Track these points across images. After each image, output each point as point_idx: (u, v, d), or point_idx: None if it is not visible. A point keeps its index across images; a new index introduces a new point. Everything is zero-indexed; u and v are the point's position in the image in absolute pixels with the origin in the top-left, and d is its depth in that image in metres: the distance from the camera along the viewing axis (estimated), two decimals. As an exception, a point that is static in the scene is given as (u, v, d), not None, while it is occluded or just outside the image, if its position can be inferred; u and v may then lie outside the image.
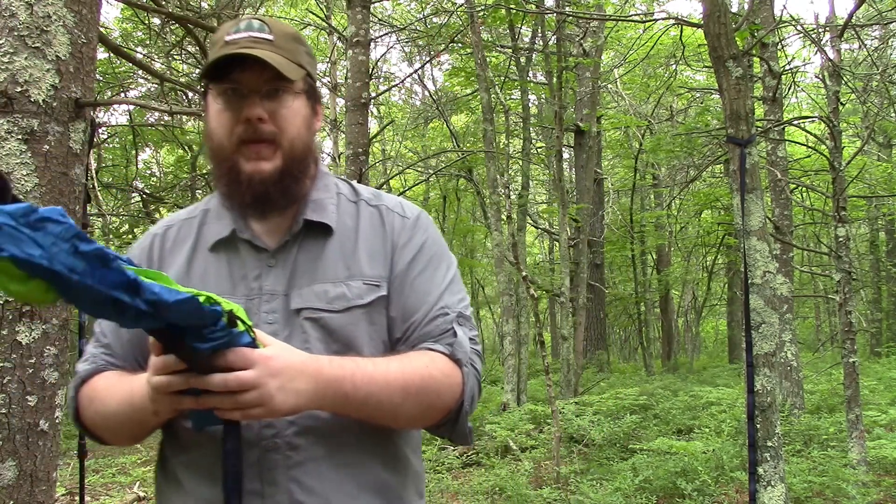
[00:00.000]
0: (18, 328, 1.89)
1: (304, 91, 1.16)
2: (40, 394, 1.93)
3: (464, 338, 1.12)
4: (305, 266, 1.13)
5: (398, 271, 1.15)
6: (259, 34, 1.11)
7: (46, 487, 1.96)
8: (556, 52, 9.85)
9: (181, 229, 1.22)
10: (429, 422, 1.12)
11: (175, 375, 0.91)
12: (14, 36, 1.87)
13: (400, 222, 1.19)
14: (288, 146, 1.12)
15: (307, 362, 0.99)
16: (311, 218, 1.15)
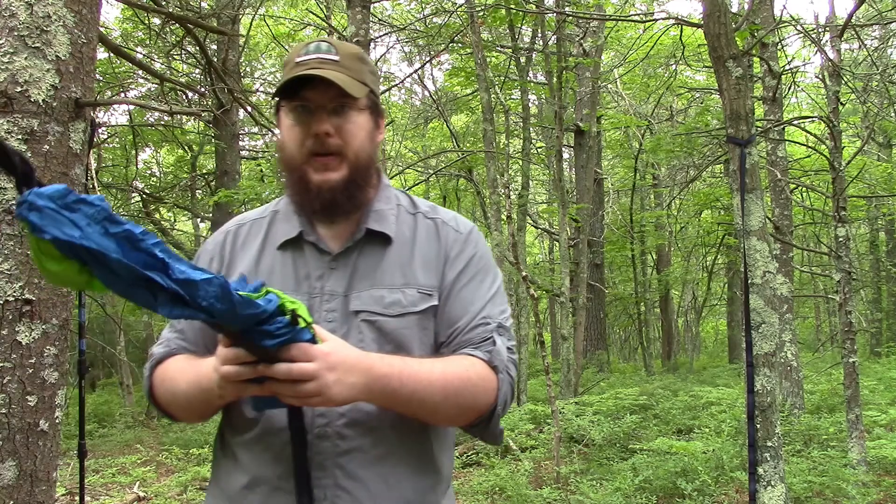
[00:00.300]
0: (18, 328, 1.89)
1: (368, 107, 1.26)
2: (40, 394, 1.93)
3: (502, 347, 1.21)
4: (365, 271, 1.23)
5: (448, 281, 1.25)
6: (326, 55, 1.21)
7: (46, 487, 1.96)
8: (556, 52, 9.85)
9: (252, 228, 1.32)
10: (464, 421, 1.20)
11: (243, 366, 1.00)
12: (14, 36, 1.87)
13: (454, 235, 1.29)
14: (353, 158, 1.22)
15: (361, 358, 1.08)
16: (372, 227, 1.25)
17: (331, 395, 1.03)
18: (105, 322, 13.89)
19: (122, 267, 0.84)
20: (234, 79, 9.98)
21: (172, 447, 7.34)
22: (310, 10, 12.96)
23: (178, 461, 6.83)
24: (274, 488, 1.15)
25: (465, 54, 11.38)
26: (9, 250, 1.88)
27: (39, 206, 0.82)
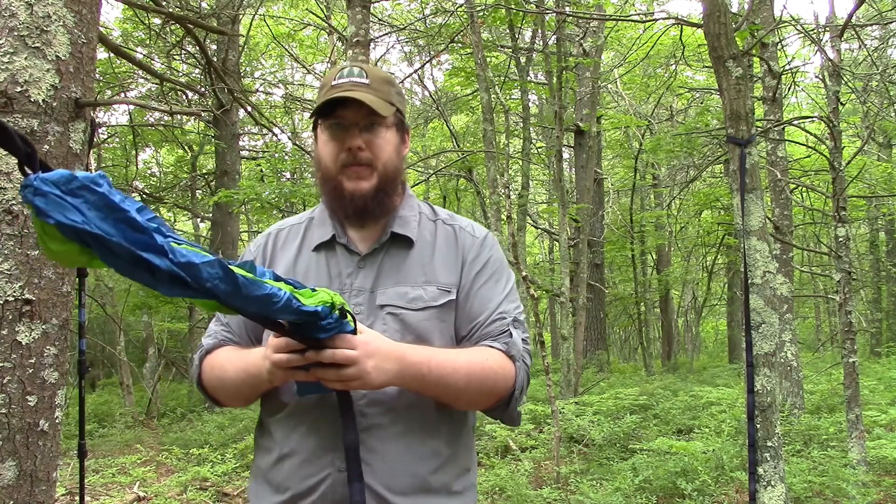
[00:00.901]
0: (18, 328, 1.89)
1: (395, 124, 1.43)
2: (40, 394, 1.93)
3: (517, 338, 1.39)
4: (389, 270, 1.39)
5: (467, 281, 1.40)
6: (358, 79, 1.38)
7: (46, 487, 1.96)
8: (556, 52, 9.85)
9: (290, 232, 1.50)
10: (485, 405, 1.36)
11: (294, 354, 1.15)
12: (14, 36, 1.87)
13: (470, 240, 1.45)
14: (382, 169, 1.39)
15: (395, 348, 1.24)
16: (397, 231, 1.41)
17: (369, 379, 1.18)
18: (105, 322, 13.89)
19: (122, 249, 0.90)
20: (234, 79, 9.98)
21: (172, 447, 7.34)
22: (310, 10, 12.95)
23: (178, 461, 6.83)
24: (304, 460, 1.30)
25: (465, 54, 11.38)
26: (9, 250, 1.88)
27: (44, 192, 0.87)
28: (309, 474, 1.30)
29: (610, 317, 18.33)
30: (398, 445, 1.30)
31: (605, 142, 16.41)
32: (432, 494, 1.33)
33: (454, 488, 1.36)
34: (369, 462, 1.28)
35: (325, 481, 1.28)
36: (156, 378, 12.01)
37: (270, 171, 13.81)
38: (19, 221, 1.88)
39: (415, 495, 1.31)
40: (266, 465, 1.37)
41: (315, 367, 1.16)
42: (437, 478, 1.34)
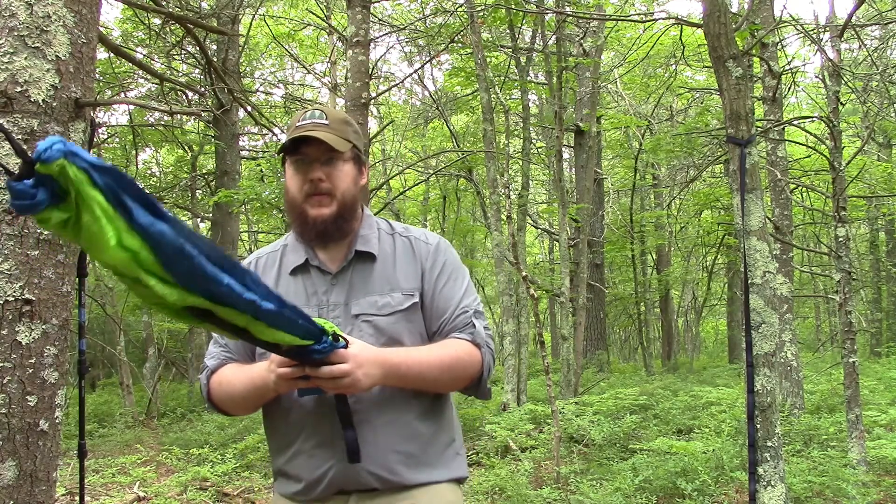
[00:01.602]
0: (18, 328, 1.88)
1: (352, 158, 1.65)
2: (40, 394, 1.93)
3: (480, 328, 1.61)
4: (358, 283, 1.60)
5: (429, 285, 1.62)
6: (319, 120, 1.60)
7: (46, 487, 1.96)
8: (556, 52, 9.85)
9: (268, 259, 1.70)
10: (460, 386, 1.61)
11: (295, 367, 1.36)
12: (14, 36, 1.87)
13: (426, 248, 1.66)
14: (340, 197, 1.60)
15: (378, 354, 1.46)
16: (360, 249, 1.63)
17: (360, 385, 1.41)
18: (105, 322, 13.88)
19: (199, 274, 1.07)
20: (234, 79, 9.98)
21: (172, 447, 7.34)
22: (310, 10, 12.95)
23: (178, 461, 6.83)
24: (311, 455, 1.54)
25: (465, 54, 11.38)
26: (9, 250, 1.88)
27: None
28: (317, 466, 1.53)
29: (610, 317, 18.33)
30: (387, 431, 1.53)
31: (605, 142, 16.41)
32: (423, 466, 1.56)
33: (442, 459, 1.60)
34: (366, 449, 1.51)
35: (330, 470, 1.52)
36: (156, 378, 12.01)
37: (270, 171, 13.79)
38: (19, 221, 1.88)
39: (409, 470, 1.55)
40: (281, 462, 1.60)
41: (315, 379, 1.37)
42: (425, 452, 1.57)
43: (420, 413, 1.58)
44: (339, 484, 1.52)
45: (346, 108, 6.90)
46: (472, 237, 18.02)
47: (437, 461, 1.60)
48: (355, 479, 1.52)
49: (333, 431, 1.51)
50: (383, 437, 1.52)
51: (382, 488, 1.53)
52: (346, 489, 1.53)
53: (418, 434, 1.57)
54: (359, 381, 1.39)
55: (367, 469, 1.51)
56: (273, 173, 13.95)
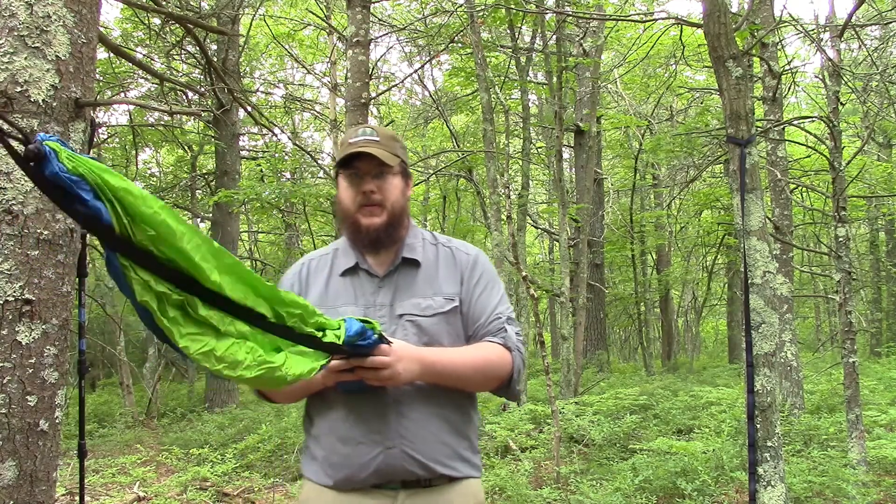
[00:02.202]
0: (18, 328, 1.88)
1: (399, 172, 1.79)
2: (40, 394, 1.92)
3: (512, 333, 1.75)
4: (403, 287, 1.75)
5: (467, 293, 1.77)
6: (370, 137, 1.74)
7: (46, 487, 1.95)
8: (556, 52, 9.85)
9: (320, 261, 1.85)
10: (491, 387, 1.73)
11: (342, 360, 1.50)
12: (14, 36, 1.87)
13: (465, 258, 1.82)
14: (390, 207, 1.75)
15: (416, 352, 1.60)
16: (406, 255, 1.78)
17: (399, 378, 1.55)
18: (105, 322, 13.88)
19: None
20: (234, 79, 9.98)
21: (172, 447, 7.34)
22: (310, 10, 12.95)
23: (178, 461, 6.83)
24: (359, 443, 1.65)
25: (465, 54, 11.38)
26: (9, 250, 1.88)
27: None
28: (365, 453, 1.64)
29: (610, 317, 18.33)
30: (431, 423, 1.67)
31: (605, 142, 16.40)
32: (460, 460, 1.71)
33: (472, 454, 1.75)
34: (409, 438, 1.64)
35: (378, 458, 1.63)
36: (156, 378, 12.00)
37: (270, 171, 13.81)
38: (19, 221, 1.88)
39: (451, 462, 1.69)
40: (326, 451, 1.70)
41: (358, 370, 1.51)
42: (462, 446, 1.72)
43: (457, 409, 1.72)
44: (384, 473, 1.63)
45: (346, 108, 6.90)
46: (472, 237, 18.00)
47: (471, 456, 1.74)
48: (401, 467, 1.63)
49: (379, 421, 1.64)
50: (427, 428, 1.66)
51: (425, 476, 1.65)
52: (392, 479, 1.64)
53: (457, 429, 1.71)
54: (398, 375, 1.54)
55: (413, 457, 1.63)
56: (273, 173, 13.95)
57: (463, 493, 1.71)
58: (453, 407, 1.71)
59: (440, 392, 1.67)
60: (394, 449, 1.63)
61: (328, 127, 13.51)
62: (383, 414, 1.64)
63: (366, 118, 6.67)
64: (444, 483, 1.68)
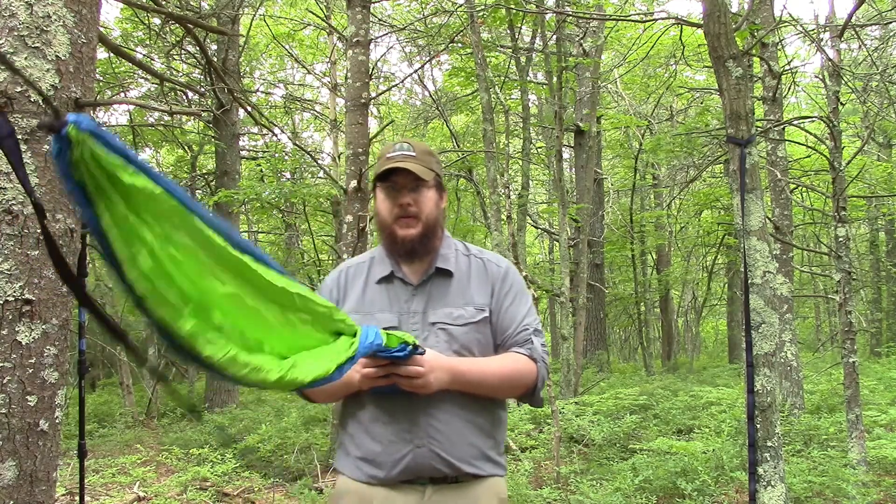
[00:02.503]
0: (18, 328, 1.88)
1: (434, 185, 1.89)
2: (40, 394, 1.92)
3: (538, 344, 1.84)
4: (436, 295, 1.84)
5: (498, 304, 1.86)
6: (407, 153, 1.83)
7: (46, 487, 1.95)
8: (556, 52, 9.85)
9: (357, 268, 1.94)
10: (515, 395, 1.86)
11: (379, 368, 1.65)
12: (14, 36, 1.87)
13: (497, 270, 1.90)
14: (425, 219, 1.85)
15: (448, 362, 1.72)
16: (439, 265, 1.87)
17: (430, 387, 1.67)
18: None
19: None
20: (234, 79, 9.98)
21: (172, 447, 7.34)
22: (309, 10, 12.95)
23: (178, 461, 6.83)
24: (391, 441, 1.76)
25: (465, 54, 11.38)
26: (9, 250, 1.88)
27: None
28: (396, 451, 1.74)
29: (610, 317, 18.32)
30: (459, 424, 1.76)
31: (605, 142, 16.40)
32: (485, 461, 1.80)
33: (498, 455, 1.85)
34: (437, 438, 1.74)
35: (407, 455, 1.73)
36: (156, 378, 12.00)
37: (270, 171, 13.79)
38: (19, 221, 1.88)
39: (477, 461, 1.79)
40: (359, 448, 1.81)
41: (393, 376, 1.65)
42: (488, 447, 1.81)
43: (484, 411, 1.82)
44: (413, 470, 1.74)
45: (346, 108, 6.90)
46: (472, 237, 18.00)
47: (496, 456, 1.84)
48: (429, 465, 1.74)
49: (410, 421, 1.75)
50: (455, 429, 1.75)
51: (451, 474, 1.75)
52: (420, 475, 1.75)
53: (484, 430, 1.81)
54: (430, 384, 1.66)
55: (440, 456, 1.74)
56: (273, 173, 13.94)
57: (487, 490, 1.80)
58: (481, 409, 1.81)
59: (469, 396, 1.77)
60: (423, 448, 1.73)
61: (328, 127, 13.50)
62: (413, 415, 1.74)
63: (366, 118, 6.67)
64: (470, 480, 1.78)
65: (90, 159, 1.05)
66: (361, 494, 1.79)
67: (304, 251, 16.15)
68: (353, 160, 6.48)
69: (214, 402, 10.98)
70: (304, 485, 5.64)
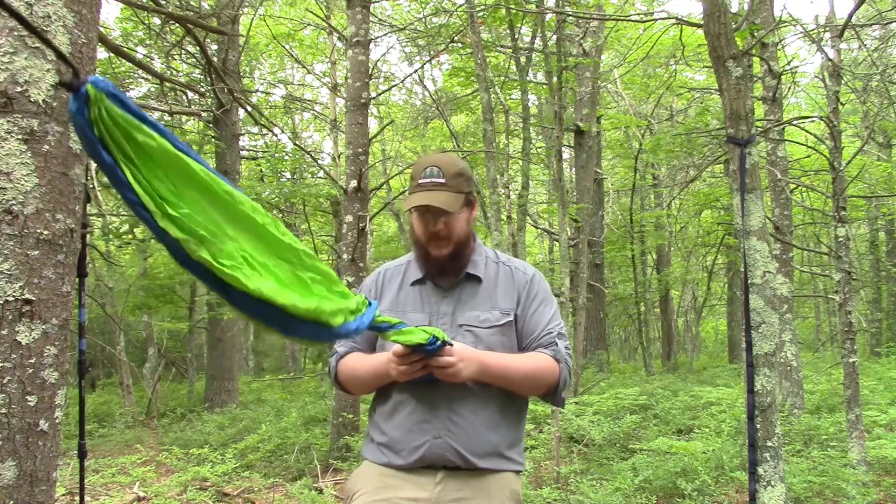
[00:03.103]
0: (18, 328, 1.88)
1: (465, 203, 1.98)
2: (40, 394, 1.92)
3: (561, 347, 1.96)
4: (465, 299, 1.98)
5: (523, 309, 1.98)
6: (437, 179, 1.92)
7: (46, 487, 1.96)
8: (556, 52, 9.85)
9: (394, 271, 2.10)
10: (538, 393, 1.97)
11: (415, 363, 1.78)
12: (14, 36, 1.87)
13: (523, 277, 2.03)
14: (456, 240, 1.96)
15: (477, 354, 1.84)
16: (470, 272, 2.00)
17: (460, 375, 1.80)
18: (105, 322, 13.88)
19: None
20: (234, 79, 9.98)
21: (172, 447, 7.33)
22: (309, 10, 12.95)
23: (178, 461, 6.83)
24: (410, 430, 1.90)
25: (465, 54, 11.38)
26: (9, 250, 1.88)
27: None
28: (415, 439, 1.88)
29: (610, 317, 18.32)
30: (476, 420, 1.88)
31: (605, 142, 16.39)
32: (498, 457, 1.91)
33: (514, 451, 1.96)
34: (454, 432, 1.87)
35: (425, 444, 1.87)
36: (156, 378, 12.01)
37: (270, 171, 13.80)
38: (19, 221, 1.88)
39: (490, 457, 1.89)
40: (382, 435, 1.95)
41: (428, 367, 1.78)
42: (504, 444, 1.92)
43: (502, 410, 1.93)
44: (430, 458, 1.87)
45: (346, 108, 6.89)
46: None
47: (511, 453, 1.95)
48: (443, 455, 1.86)
49: (430, 413, 1.88)
50: (473, 425, 1.88)
51: (464, 467, 1.87)
52: (434, 464, 1.87)
53: (501, 428, 1.92)
54: (460, 372, 1.78)
55: (455, 449, 1.86)
56: (273, 173, 13.95)
57: (499, 482, 1.92)
58: (501, 407, 1.93)
59: (490, 393, 1.90)
60: (440, 439, 1.86)
61: (328, 127, 13.50)
62: (435, 408, 1.88)
63: (366, 118, 6.67)
64: (483, 472, 1.89)
65: (107, 118, 1.12)
66: (378, 473, 1.93)
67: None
68: (353, 160, 6.48)
69: (215, 402, 10.98)
70: (304, 485, 5.64)
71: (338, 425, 6.62)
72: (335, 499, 5.25)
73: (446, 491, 1.87)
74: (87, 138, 1.12)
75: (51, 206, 1.95)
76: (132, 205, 1.19)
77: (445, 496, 1.87)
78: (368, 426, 2.05)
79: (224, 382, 11.18)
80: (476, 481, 1.89)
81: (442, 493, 1.87)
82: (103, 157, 1.13)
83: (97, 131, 1.11)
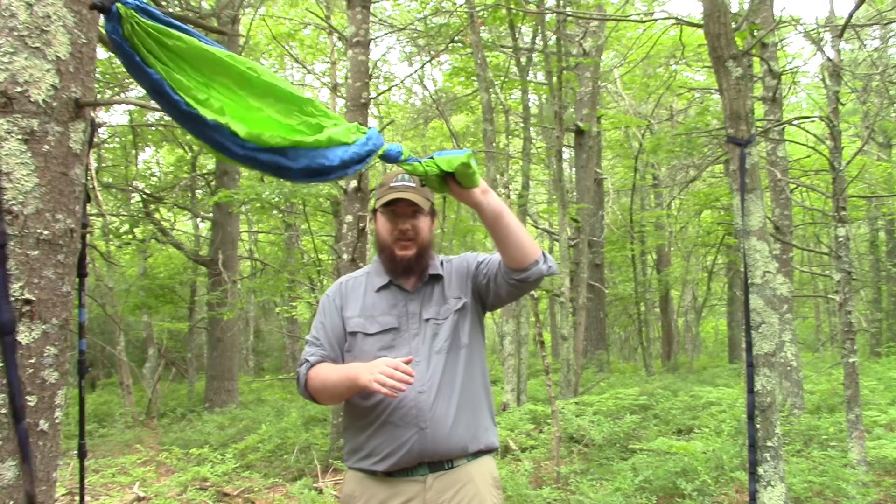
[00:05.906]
0: (18, 328, 1.88)
1: (429, 212, 2.18)
2: (40, 394, 1.92)
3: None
4: (428, 298, 2.14)
5: (476, 266, 2.18)
6: (408, 183, 2.12)
7: (46, 487, 1.96)
8: (556, 52, 9.85)
9: (355, 281, 2.22)
10: (523, 254, 1.99)
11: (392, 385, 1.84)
12: (14, 36, 1.87)
13: (459, 260, 2.23)
14: (420, 241, 2.13)
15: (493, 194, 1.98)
16: (432, 272, 2.17)
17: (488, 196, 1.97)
18: (105, 322, 13.88)
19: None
20: (234, 79, 9.95)
21: (172, 447, 7.34)
22: (310, 10, 12.94)
23: (178, 461, 6.83)
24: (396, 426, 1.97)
25: (465, 54, 11.37)
26: (9, 250, 1.88)
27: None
28: (400, 435, 1.97)
29: (610, 317, 18.32)
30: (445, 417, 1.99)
31: (605, 142, 16.39)
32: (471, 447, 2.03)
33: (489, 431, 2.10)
34: (427, 433, 1.96)
35: (412, 438, 1.96)
36: (156, 378, 12.01)
37: (270, 171, 13.75)
38: (19, 221, 1.88)
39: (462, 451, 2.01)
40: (364, 439, 2.03)
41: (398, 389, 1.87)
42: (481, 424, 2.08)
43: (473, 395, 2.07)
44: (418, 453, 1.96)
45: (346, 108, 6.89)
46: (472, 237, 18.00)
47: (485, 437, 2.08)
48: (431, 449, 1.96)
49: (412, 406, 1.97)
50: (443, 424, 1.98)
51: (445, 466, 1.99)
52: (423, 459, 1.97)
53: (468, 418, 2.04)
54: (489, 191, 1.92)
55: (431, 450, 1.96)
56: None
57: (480, 468, 2.06)
58: (463, 400, 2.05)
59: (453, 389, 2.03)
60: (426, 430, 1.96)
61: (328, 127, 13.49)
62: (405, 414, 1.97)
63: (366, 118, 6.67)
64: (464, 462, 2.02)
65: (140, 31, 1.29)
66: (370, 488, 2.02)
67: (304, 251, 16.15)
68: (353, 160, 6.47)
69: (215, 402, 10.98)
70: (304, 485, 5.64)
71: (338, 425, 6.62)
72: (335, 499, 5.25)
73: (433, 492, 1.98)
74: (126, 54, 1.30)
75: (51, 206, 1.95)
76: (172, 106, 1.47)
77: (434, 498, 1.98)
78: (346, 437, 2.13)
79: (224, 382, 11.19)
80: (460, 475, 2.01)
81: (430, 496, 1.98)
82: (147, 73, 1.34)
83: (132, 45, 1.29)
